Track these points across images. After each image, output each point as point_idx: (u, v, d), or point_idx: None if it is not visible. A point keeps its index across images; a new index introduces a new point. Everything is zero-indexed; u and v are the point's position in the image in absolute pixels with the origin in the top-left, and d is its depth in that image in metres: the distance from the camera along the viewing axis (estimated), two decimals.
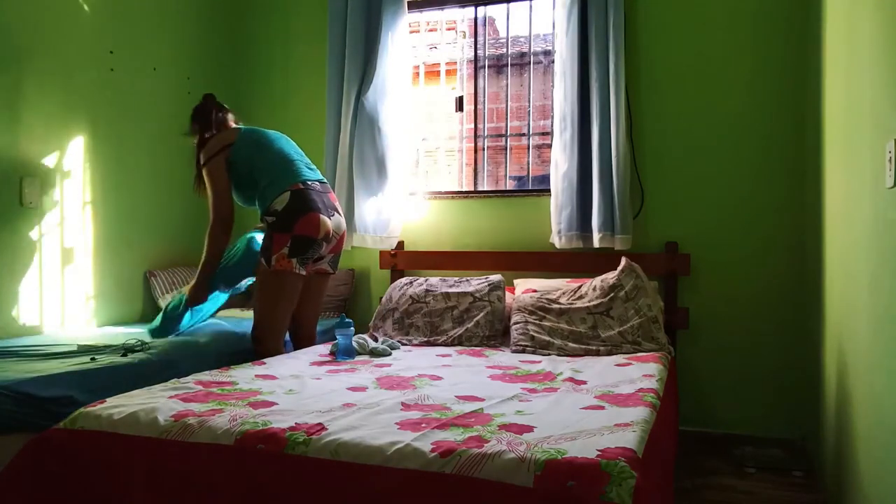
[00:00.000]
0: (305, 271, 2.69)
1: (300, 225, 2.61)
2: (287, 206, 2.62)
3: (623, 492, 1.24)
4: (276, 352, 2.66)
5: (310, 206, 2.65)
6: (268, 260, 2.62)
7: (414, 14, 3.65)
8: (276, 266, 2.61)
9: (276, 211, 2.63)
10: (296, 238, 2.61)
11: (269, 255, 2.61)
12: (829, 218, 2.45)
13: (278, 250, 2.60)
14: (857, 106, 2.02)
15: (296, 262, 2.62)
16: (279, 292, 2.67)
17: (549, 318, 2.81)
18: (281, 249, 2.60)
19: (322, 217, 2.66)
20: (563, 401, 1.86)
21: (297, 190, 2.66)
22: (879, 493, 1.71)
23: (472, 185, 3.63)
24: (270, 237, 2.64)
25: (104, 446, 1.63)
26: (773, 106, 3.03)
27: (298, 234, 2.61)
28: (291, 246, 2.60)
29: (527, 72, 3.71)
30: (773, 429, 3.01)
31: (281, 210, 2.62)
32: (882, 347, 1.71)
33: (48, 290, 2.89)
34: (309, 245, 2.64)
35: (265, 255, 2.64)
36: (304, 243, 2.62)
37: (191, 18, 3.71)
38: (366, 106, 3.44)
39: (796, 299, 2.96)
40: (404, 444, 1.42)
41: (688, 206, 3.15)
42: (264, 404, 1.79)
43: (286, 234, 2.60)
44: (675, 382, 2.59)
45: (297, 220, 2.61)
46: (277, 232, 2.62)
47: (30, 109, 2.82)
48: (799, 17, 2.97)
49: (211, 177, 2.72)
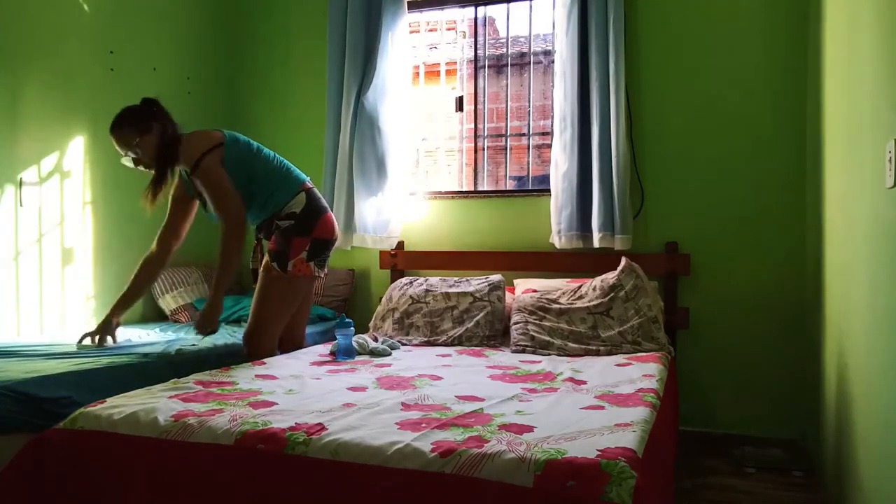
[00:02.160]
0: (323, 274, 2.63)
1: (319, 227, 2.56)
2: (305, 208, 2.55)
3: (623, 492, 1.24)
4: (270, 355, 2.57)
5: (324, 207, 2.62)
6: (283, 265, 2.51)
7: (414, 14, 3.65)
8: (293, 271, 2.51)
9: (293, 213, 2.54)
10: (315, 241, 2.55)
11: (286, 260, 2.50)
12: (829, 218, 2.45)
13: (297, 255, 2.51)
14: (857, 106, 2.02)
15: (314, 266, 2.56)
16: (288, 297, 2.59)
17: (549, 318, 2.81)
18: (300, 254, 2.51)
19: (334, 217, 2.64)
20: (563, 401, 1.86)
21: (309, 190, 2.61)
22: (879, 493, 1.71)
23: (472, 185, 3.63)
24: (288, 241, 2.52)
25: (104, 446, 1.63)
26: (773, 106, 3.03)
27: (317, 236, 2.55)
28: (311, 249, 2.53)
29: (527, 72, 3.71)
30: (773, 429, 3.01)
31: (299, 212, 2.54)
32: (882, 347, 1.71)
33: (48, 290, 2.89)
34: (326, 247, 2.59)
35: (279, 259, 2.51)
36: (322, 246, 2.57)
37: (191, 18, 3.71)
38: (366, 106, 3.44)
39: (796, 299, 2.96)
40: (404, 444, 1.42)
41: (688, 206, 3.15)
42: (264, 404, 1.79)
43: (305, 238, 2.53)
44: (675, 382, 2.59)
45: (316, 221, 2.56)
46: (296, 235, 2.52)
47: (30, 109, 2.82)
48: (799, 16, 2.96)
49: (213, 176, 2.44)
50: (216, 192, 2.45)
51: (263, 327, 2.58)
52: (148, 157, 2.46)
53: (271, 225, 2.58)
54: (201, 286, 3.50)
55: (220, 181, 2.45)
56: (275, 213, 2.56)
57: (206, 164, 2.43)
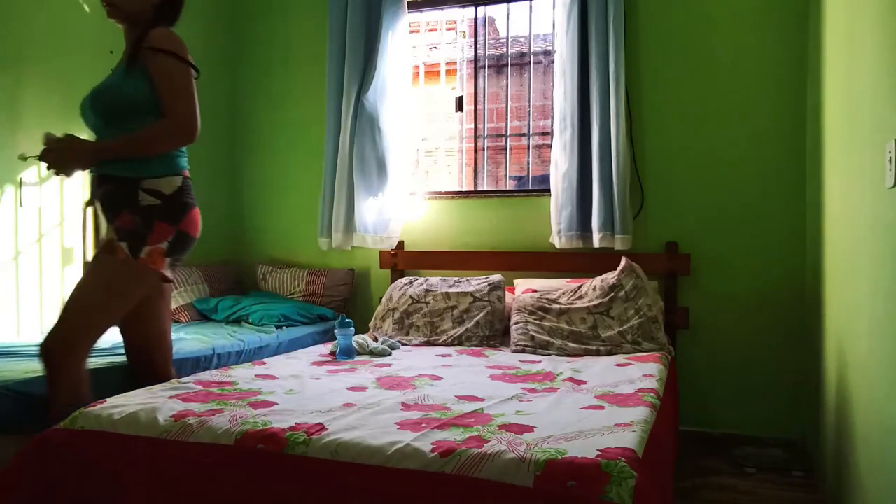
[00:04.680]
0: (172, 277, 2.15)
1: (188, 220, 2.08)
2: (176, 193, 2.06)
3: (623, 492, 1.24)
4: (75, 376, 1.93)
5: (195, 202, 2.14)
6: (135, 249, 1.98)
7: (414, 14, 3.65)
8: (146, 260, 1.99)
9: (158, 192, 2.02)
10: (181, 234, 2.06)
11: (140, 245, 1.98)
12: (829, 218, 2.45)
13: (157, 242, 2.00)
14: (858, 106, 2.02)
15: (168, 263, 2.06)
16: (127, 293, 2.03)
17: (549, 318, 2.81)
18: (160, 242, 2.01)
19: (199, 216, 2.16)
20: (563, 401, 1.86)
21: (187, 179, 2.13)
22: (879, 493, 1.71)
23: (472, 185, 3.63)
24: (149, 223, 2.00)
25: (104, 446, 1.63)
26: (773, 106, 3.03)
27: (184, 230, 2.07)
28: (173, 242, 2.04)
29: (527, 72, 3.70)
30: (773, 429, 3.01)
31: (168, 195, 2.04)
32: (882, 347, 1.71)
33: (48, 290, 2.89)
34: (187, 247, 2.11)
35: (132, 241, 1.98)
36: (185, 242, 2.09)
37: (191, 18, 3.68)
38: (366, 106, 3.44)
39: (796, 299, 2.96)
40: (404, 444, 1.43)
41: (688, 206, 3.15)
42: (264, 404, 1.79)
43: (172, 227, 2.03)
44: (675, 382, 2.59)
45: (187, 213, 2.08)
46: (161, 220, 2.02)
47: (30, 109, 2.82)
48: (799, 16, 2.96)
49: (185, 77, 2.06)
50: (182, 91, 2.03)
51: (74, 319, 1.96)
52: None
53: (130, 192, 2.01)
54: (201, 286, 3.50)
55: (190, 85, 2.06)
56: (138, 178, 2.01)
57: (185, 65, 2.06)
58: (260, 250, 3.93)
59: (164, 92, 2.02)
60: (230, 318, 3.29)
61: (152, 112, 2.03)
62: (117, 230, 2.01)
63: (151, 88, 2.03)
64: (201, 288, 3.49)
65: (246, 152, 3.96)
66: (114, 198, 2.03)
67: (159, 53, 2.01)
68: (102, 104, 2.07)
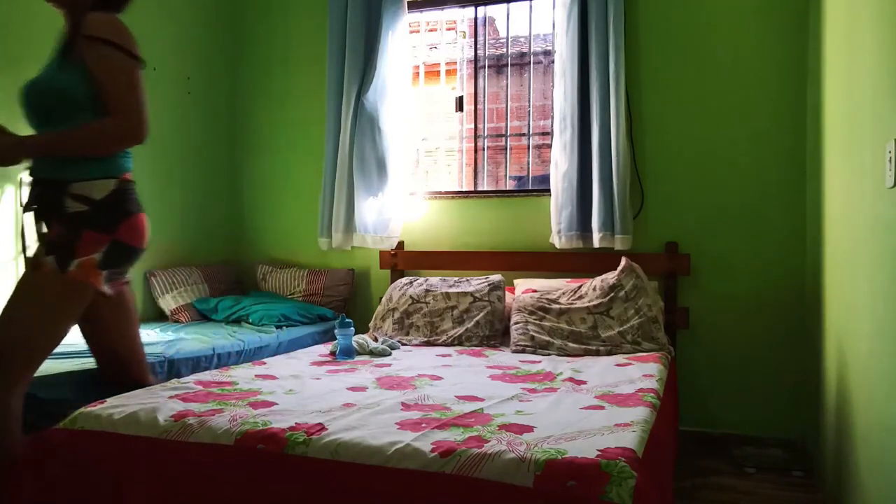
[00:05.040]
0: (112, 291, 1.91)
1: (127, 228, 1.87)
2: (109, 198, 1.84)
3: (623, 492, 1.24)
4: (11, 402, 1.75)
5: (138, 207, 1.93)
6: (63, 262, 1.78)
7: (414, 14, 3.65)
8: (74, 274, 1.79)
9: (88, 198, 1.82)
10: (117, 245, 1.85)
11: (69, 258, 1.79)
12: (829, 218, 2.45)
13: (87, 253, 1.80)
14: (858, 106, 2.02)
15: (104, 277, 1.85)
16: (57, 309, 1.81)
17: (549, 318, 2.81)
18: (91, 254, 1.81)
19: (146, 221, 1.96)
20: (563, 401, 1.86)
21: (127, 182, 1.91)
22: (879, 493, 1.71)
23: (472, 185, 3.63)
24: (77, 233, 1.80)
25: (104, 446, 1.63)
26: (773, 106, 3.03)
27: (121, 239, 1.86)
28: (108, 253, 1.84)
29: (527, 72, 3.70)
30: (773, 429, 3.01)
31: (98, 200, 1.83)
32: (882, 347, 1.71)
33: None
34: (130, 258, 1.91)
35: (60, 253, 1.79)
36: (126, 254, 1.89)
37: (191, 18, 3.71)
38: (366, 106, 3.44)
39: (796, 299, 2.96)
40: (404, 444, 1.43)
41: (688, 206, 3.15)
42: (264, 404, 1.79)
43: (104, 236, 1.83)
44: (675, 382, 2.59)
45: (124, 220, 1.87)
46: (90, 228, 1.82)
47: None
48: (799, 16, 2.96)
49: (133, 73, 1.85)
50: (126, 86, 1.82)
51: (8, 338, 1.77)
52: None
53: (56, 198, 1.83)
54: (201, 286, 3.50)
55: (136, 79, 1.85)
56: (64, 181, 1.82)
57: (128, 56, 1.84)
58: (260, 250, 3.93)
59: (106, 87, 1.80)
60: (230, 318, 3.29)
61: (92, 110, 1.82)
62: (47, 242, 1.85)
63: (90, 83, 1.81)
64: (201, 288, 3.49)
65: (246, 152, 3.96)
66: (43, 203, 1.85)
67: (97, 42, 1.79)
68: (33, 100, 1.87)
